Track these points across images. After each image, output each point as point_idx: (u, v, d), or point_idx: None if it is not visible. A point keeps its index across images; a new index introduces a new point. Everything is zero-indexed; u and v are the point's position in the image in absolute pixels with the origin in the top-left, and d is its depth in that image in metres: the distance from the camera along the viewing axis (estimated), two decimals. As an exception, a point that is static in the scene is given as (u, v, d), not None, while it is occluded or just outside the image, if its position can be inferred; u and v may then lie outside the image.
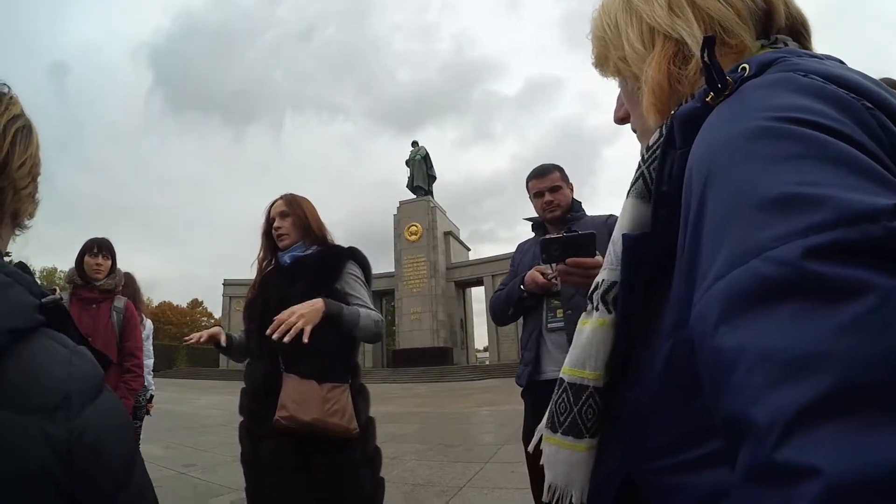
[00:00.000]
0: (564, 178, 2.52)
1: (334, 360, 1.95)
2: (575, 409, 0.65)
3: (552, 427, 0.68)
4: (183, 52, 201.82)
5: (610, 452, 0.63)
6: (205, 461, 5.95)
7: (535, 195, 2.50)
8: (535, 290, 2.27)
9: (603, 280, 0.67)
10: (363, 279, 2.12)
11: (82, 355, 0.54)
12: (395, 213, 36.03)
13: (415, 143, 38.62)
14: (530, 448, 0.76)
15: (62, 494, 0.45)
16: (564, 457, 0.67)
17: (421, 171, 37.08)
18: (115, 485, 0.50)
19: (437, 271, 33.77)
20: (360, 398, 2.01)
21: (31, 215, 0.68)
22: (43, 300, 0.53)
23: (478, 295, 37.52)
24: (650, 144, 0.64)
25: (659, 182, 0.59)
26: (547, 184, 2.47)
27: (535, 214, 2.61)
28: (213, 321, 58.50)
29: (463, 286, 36.87)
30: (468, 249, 41.08)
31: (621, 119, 0.79)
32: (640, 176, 0.65)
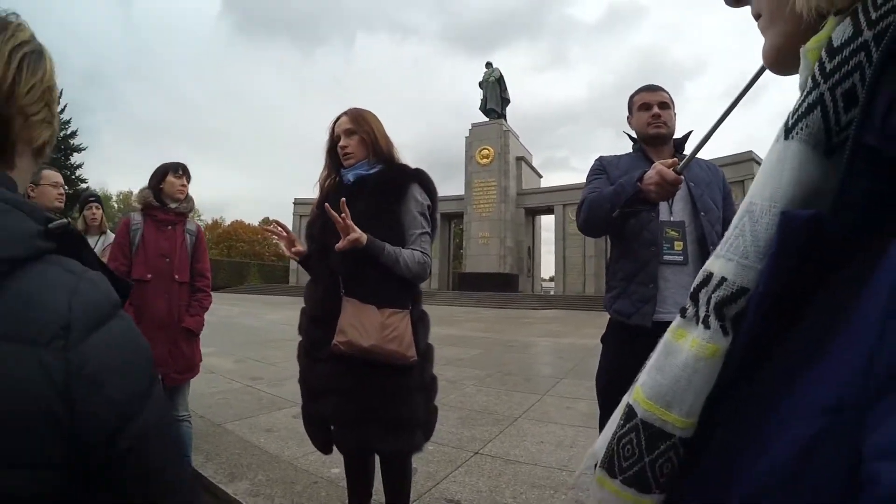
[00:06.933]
0: (672, 104, 2.29)
1: (395, 285, 1.94)
2: (646, 459, 0.46)
3: (609, 470, 0.49)
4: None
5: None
6: (270, 375, 6.18)
7: (641, 107, 2.26)
8: (658, 190, 1.78)
9: (723, 279, 0.41)
10: (426, 204, 2.03)
11: (92, 281, 0.52)
12: (467, 135, 35.52)
13: (489, 65, 37.33)
14: (576, 476, 0.56)
15: (61, 426, 0.45)
16: None
17: (494, 93, 36.06)
18: (120, 417, 0.49)
19: (507, 196, 33.53)
20: (421, 325, 2.01)
21: (51, 142, 0.67)
22: (49, 225, 0.51)
23: (547, 224, 37.20)
24: (838, 44, 0.36)
25: (863, 124, 0.33)
26: (657, 98, 2.25)
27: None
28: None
29: (533, 213, 36.56)
30: (540, 177, 40.30)
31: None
32: (818, 104, 0.37)
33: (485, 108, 36.23)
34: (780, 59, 0.45)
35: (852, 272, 0.32)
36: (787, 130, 0.39)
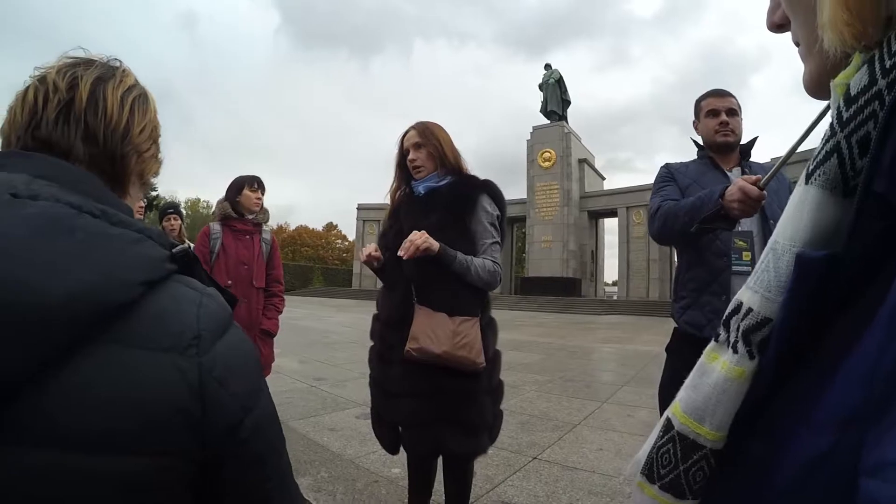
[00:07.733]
0: (740, 109, 2.24)
1: (466, 293, 1.98)
2: (681, 468, 0.50)
3: (649, 476, 0.53)
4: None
5: None
6: (334, 376, 6.39)
7: (709, 114, 2.23)
8: (741, 207, 1.71)
9: (750, 309, 0.45)
10: (495, 214, 2.08)
11: (211, 296, 0.60)
12: (528, 138, 35.27)
13: (548, 66, 37.09)
14: (621, 480, 0.60)
15: (193, 420, 0.52)
16: None
17: (555, 95, 35.68)
18: (242, 410, 0.57)
19: (569, 200, 33.04)
20: (489, 331, 2.05)
21: (156, 174, 0.77)
22: (173, 250, 0.59)
23: (611, 227, 36.27)
24: (854, 93, 0.37)
25: (872, 173, 0.34)
26: (725, 104, 2.20)
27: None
28: (346, 243, 63.11)
29: (596, 216, 35.81)
30: (603, 179, 39.52)
31: (777, 25, 0.51)
32: (834, 151, 0.39)
33: (545, 111, 35.91)
34: (818, 88, 0.48)
35: (862, 304, 0.35)
36: (808, 176, 0.41)
